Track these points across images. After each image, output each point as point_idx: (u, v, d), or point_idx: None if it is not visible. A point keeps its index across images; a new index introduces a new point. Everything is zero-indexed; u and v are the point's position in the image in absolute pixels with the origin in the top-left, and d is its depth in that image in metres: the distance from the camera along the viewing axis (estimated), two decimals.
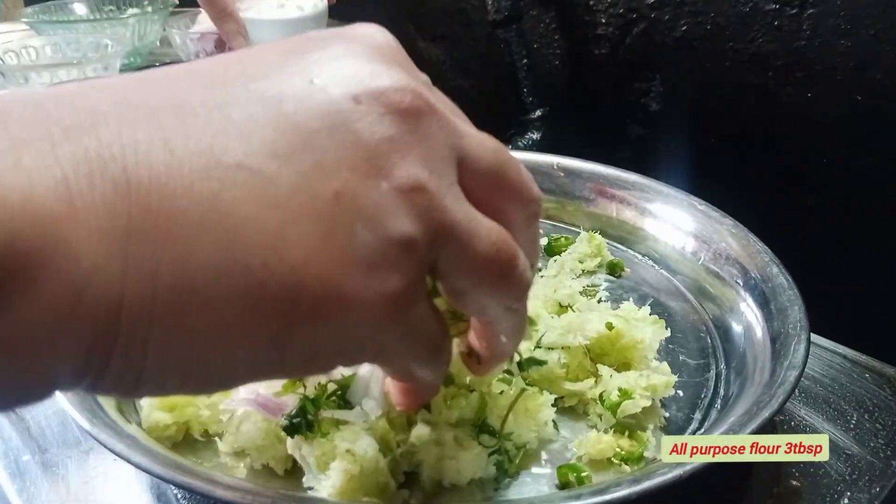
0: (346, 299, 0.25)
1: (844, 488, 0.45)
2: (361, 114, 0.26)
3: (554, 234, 0.69)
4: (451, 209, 0.28)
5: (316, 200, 0.25)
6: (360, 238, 0.25)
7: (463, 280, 0.30)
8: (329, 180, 0.25)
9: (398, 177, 0.26)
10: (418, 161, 0.27)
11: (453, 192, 0.28)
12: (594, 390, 0.48)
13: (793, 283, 0.53)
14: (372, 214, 0.25)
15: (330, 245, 0.25)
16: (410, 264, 0.27)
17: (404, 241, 0.26)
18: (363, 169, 0.26)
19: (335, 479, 0.39)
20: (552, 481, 0.44)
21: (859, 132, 0.75)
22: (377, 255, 0.26)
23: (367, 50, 0.28)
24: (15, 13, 1.58)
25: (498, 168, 0.31)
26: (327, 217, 0.25)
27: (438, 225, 0.27)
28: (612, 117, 0.97)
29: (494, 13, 0.94)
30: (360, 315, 0.26)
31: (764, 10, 0.78)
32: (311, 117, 0.26)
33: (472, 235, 0.28)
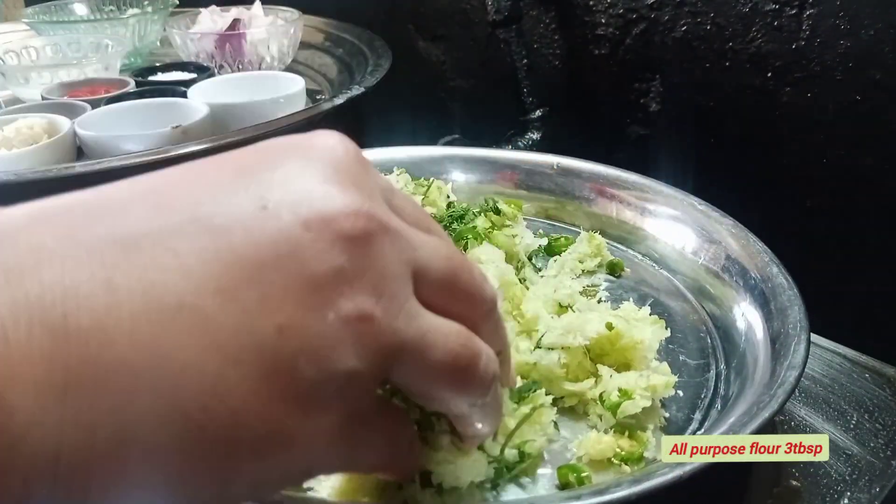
0: (288, 436, 0.25)
1: (844, 488, 0.45)
2: (310, 242, 0.26)
3: (554, 234, 0.69)
4: (401, 331, 0.27)
5: (258, 337, 0.24)
6: (303, 373, 0.25)
7: (421, 387, 0.30)
8: (273, 315, 0.24)
9: (343, 307, 0.26)
10: (368, 288, 0.26)
11: (406, 310, 0.28)
12: (594, 390, 0.48)
13: (793, 283, 0.53)
14: (315, 348, 0.25)
15: (271, 383, 0.24)
16: (354, 394, 0.27)
17: (347, 374, 0.26)
18: (309, 302, 0.25)
19: (335, 479, 0.39)
20: (552, 482, 0.44)
21: (859, 132, 0.75)
22: (319, 390, 0.25)
23: (322, 167, 0.28)
24: (15, 13, 1.58)
25: (450, 275, 0.30)
26: (269, 354, 0.24)
27: (387, 349, 0.27)
28: (612, 117, 0.97)
29: (494, 13, 0.95)
30: (303, 448, 0.26)
31: (764, 10, 0.78)
32: (258, 248, 0.25)
33: (426, 348, 0.28)
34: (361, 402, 0.28)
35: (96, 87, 1.11)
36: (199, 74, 1.15)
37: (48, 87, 1.09)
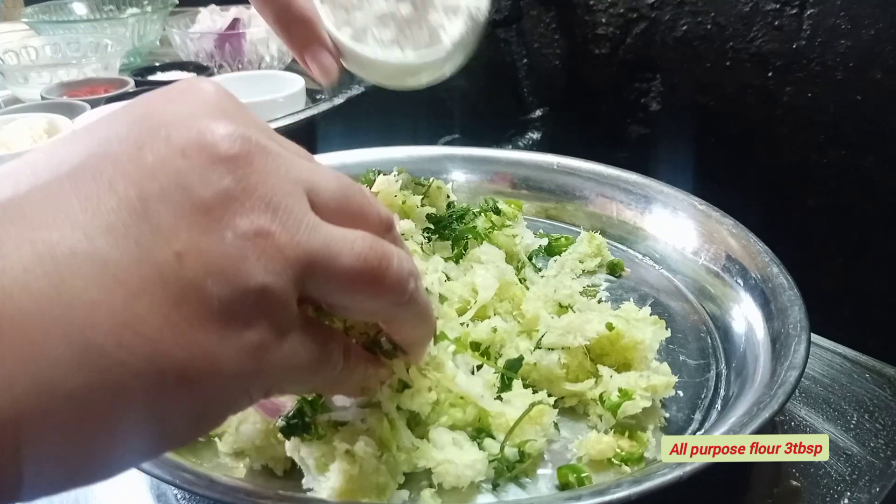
0: (212, 358, 0.25)
1: (844, 488, 0.45)
2: (191, 168, 0.26)
3: (554, 233, 0.69)
4: (304, 242, 0.28)
5: (159, 267, 0.24)
6: (214, 293, 0.25)
7: (339, 297, 0.30)
8: (169, 243, 0.25)
9: (240, 225, 0.26)
10: (260, 204, 0.27)
11: (306, 224, 0.28)
12: (594, 391, 0.48)
13: (793, 283, 0.53)
14: (221, 268, 0.25)
15: (182, 308, 0.24)
16: (272, 308, 0.27)
17: (259, 289, 0.26)
18: (202, 223, 0.25)
19: (334, 480, 0.39)
20: (552, 482, 0.44)
21: (859, 132, 0.75)
22: (234, 308, 0.25)
23: (194, 105, 0.28)
24: (15, 13, 1.58)
25: (342, 194, 0.31)
26: (174, 281, 0.24)
27: (294, 262, 0.27)
28: (612, 117, 0.97)
29: (494, 13, 0.94)
30: (232, 369, 0.26)
31: (764, 10, 0.78)
32: (140, 184, 0.25)
33: (334, 256, 0.29)
34: (282, 317, 0.27)
35: (96, 87, 1.11)
36: (198, 74, 1.15)
37: (48, 86, 1.09)
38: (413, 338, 0.38)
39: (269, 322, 0.27)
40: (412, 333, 0.37)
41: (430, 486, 0.42)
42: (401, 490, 0.41)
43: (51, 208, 0.24)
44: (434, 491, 0.41)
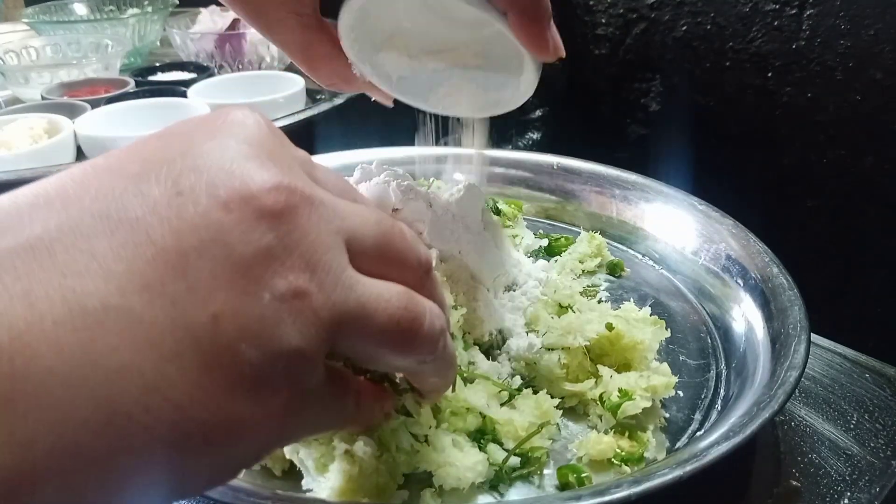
0: (239, 423, 0.25)
1: (844, 488, 0.45)
2: (233, 224, 0.25)
3: (554, 234, 0.69)
4: (340, 303, 0.27)
5: (193, 329, 0.23)
6: (246, 358, 0.24)
7: (368, 354, 0.30)
8: (205, 304, 0.24)
9: (279, 286, 0.25)
10: (300, 263, 0.26)
11: (343, 281, 0.27)
12: (594, 391, 0.48)
13: (793, 283, 0.53)
14: (255, 332, 0.24)
15: (214, 373, 0.24)
16: (302, 371, 0.26)
17: (292, 353, 0.25)
18: (241, 285, 0.24)
19: (334, 480, 0.39)
20: (552, 482, 0.44)
21: (859, 132, 0.75)
22: (265, 372, 0.25)
23: (236, 144, 0.27)
24: (15, 13, 1.58)
25: (382, 240, 0.30)
26: (207, 344, 0.24)
27: (329, 323, 0.26)
28: (611, 117, 0.97)
29: None
30: (256, 432, 0.25)
31: (764, 10, 0.78)
32: (179, 237, 0.24)
33: (367, 317, 0.28)
34: (310, 378, 0.27)
35: (96, 87, 1.11)
36: (198, 74, 1.15)
37: (48, 87, 1.09)
38: (433, 386, 0.37)
39: (298, 385, 0.26)
40: (433, 383, 0.37)
41: (430, 487, 0.42)
42: (400, 490, 0.41)
43: (83, 253, 0.23)
44: (434, 491, 0.41)
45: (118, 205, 0.24)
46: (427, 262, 0.33)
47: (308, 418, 0.29)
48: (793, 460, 0.47)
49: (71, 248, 0.23)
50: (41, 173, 0.87)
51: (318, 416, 0.30)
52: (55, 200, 0.24)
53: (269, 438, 0.27)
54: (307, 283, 0.26)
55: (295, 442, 0.32)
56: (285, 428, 0.27)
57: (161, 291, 0.23)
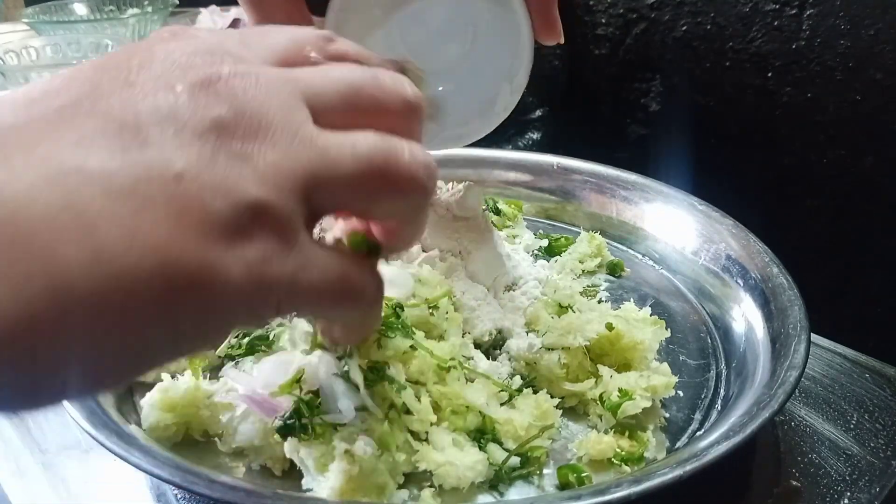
0: (218, 268, 0.26)
1: (844, 488, 0.45)
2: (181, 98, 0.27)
3: (554, 234, 0.69)
4: (298, 155, 0.28)
5: (161, 185, 0.26)
6: (213, 207, 0.26)
7: (354, 203, 0.31)
8: (168, 166, 0.26)
9: (233, 147, 0.27)
10: (251, 124, 0.28)
11: (301, 135, 0.29)
12: (594, 391, 0.48)
13: (793, 283, 0.53)
14: (218, 185, 0.26)
15: (187, 222, 0.26)
16: (273, 223, 0.27)
17: (255, 204, 0.27)
18: (196, 149, 0.27)
19: (334, 479, 0.39)
20: (552, 482, 0.44)
21: (859, 132, 0.75)
22: (234, 222, 0.26)
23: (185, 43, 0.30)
24: (15, 13, 1.58)
25: (350, 92, 0.31)
26: (176, 197, 0.26)
27: (291, 176, 0.28)
28: (611, 117, 0.97)
29: None
30: (237, 281, 0.27)
31: (764, 10, 0.78)
32: (137, 113, 0.27)
33: (333, 164, 0.29)
34: (285, 231, 0.28)
35: None
36: None
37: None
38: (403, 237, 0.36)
39: (270, 235, 0.27)
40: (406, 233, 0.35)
41: (430, 486, 0.42)
42: (400, 490, 0.41)
43: (52, 133, 0.26)
44: (434, 491, 0.41)
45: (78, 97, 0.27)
46: (414, 102, 0.33)
47: (294, 277, 0.29)
48: (793, 460, 0.47)
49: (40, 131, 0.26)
50: None
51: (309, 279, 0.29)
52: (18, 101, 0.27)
53: (250, 292, 0.27)
54: (262, 141, 0.28)
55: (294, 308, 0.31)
56: (266, 283, 0.28)
57: (125, 155, 0.26)
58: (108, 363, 0.26)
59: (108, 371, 0.26)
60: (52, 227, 0.23)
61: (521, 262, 0.60)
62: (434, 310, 0.48)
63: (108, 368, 0.26)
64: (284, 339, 0.47)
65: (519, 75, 0.49)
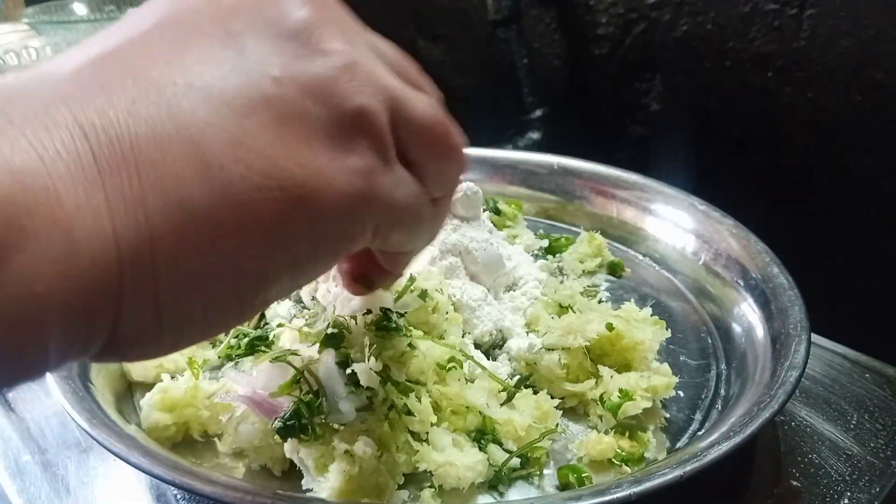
0: (326, 176, 0.26)
1: (844, 488, 0.45)
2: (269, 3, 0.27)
3: (554, 234, 0.69)
4: (386, 76, 0.29)
5: (260, 90, 0.25)
6: (314, 114, 0.26)
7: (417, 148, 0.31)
8: (264, 69, 0.26)
9: (327, 49, 0.27)
10: (340, 34, 0.28)
11: (383, 68, 0.29)
12: (595, 391, 0.48)
13: (793, 283, 0.53)
14: (317, 90, 0.26)
15: (291, 127, 0.26)
16: (372, 132, 0.28)
17: (357, 110, 0.27)
18: (291, 50, 0.27)
19: (334, 480, 0.39)
20: (552, 482, 0.44)
21: (859, 132, 0.75)
22: (336, 128, 0.27)
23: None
24: (15, 13, 1.58)
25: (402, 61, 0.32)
26: (277, 102, 0.26)
27: (382, 90, 0.28)
28: (612, 117, 0.97)
29: (494, 13, 0.95)
30: (345, 189, 0.27)
31: (764, 10, 0.78)
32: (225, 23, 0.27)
33: (412, 100, 0.30)
34: (382, 143, 0.28)
35: None
36: None
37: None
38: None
39: (372, 146, 0.28)
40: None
41: (430, 487, 0.42)
42: (400, 490, 0.41)
43: (144, 54, 0.25)
44: (434, 491, 0.41)
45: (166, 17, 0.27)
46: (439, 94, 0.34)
47: (393, 192, 0.29)
48: (793, 460, 0.47)
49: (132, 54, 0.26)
50: None
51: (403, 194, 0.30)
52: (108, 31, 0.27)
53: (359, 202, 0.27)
54: (352, 52, 0.28)
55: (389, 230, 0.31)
56: (372, 193, 0.28)
57: (220, 64, 0.26)
58: (228, 287, 0.25)
59: (228, 298, 0.26)
60: (158, 143, 0.23)
61: (522, 262, 0.60)
62: (434, 310, 0.48)
63: (228, 294, 0.26)
64: (284, 339, 0.47)
65: None
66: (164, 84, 0.25)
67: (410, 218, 0.31)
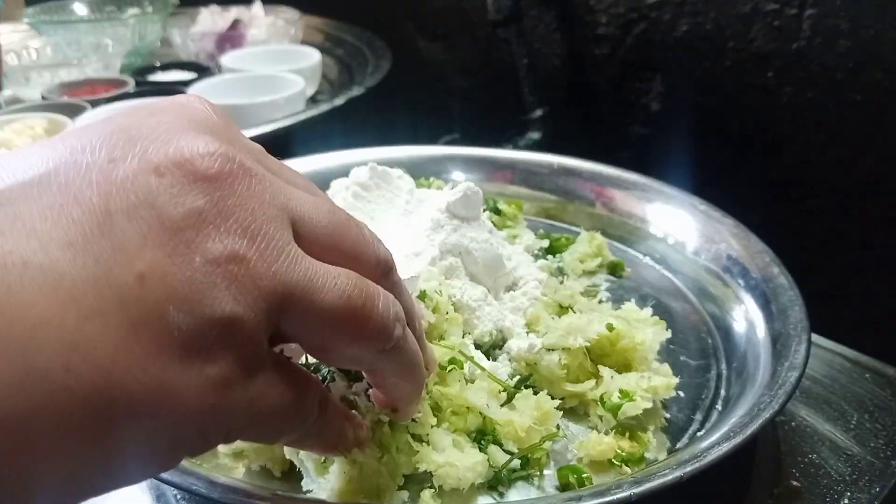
0: (168, 391, 0.23)
1: (844, 488, 0.45)
2: (164, 187, 0.24)
3: (554, 234, 0.69)
4: (282, 273, 0.26)
5: (118, 288, 0.22)
6: (175, 322, 0.23)
7: (318, 337, 0.28)
8: (131, 264, 0.23)
9: (212, 249, 0.24)
10: (236, 228, 0.25)
11: (287, 253, 0.26)
12: (595, 392, 0.48)
13: (793, 283, 0.53)
14: (184, 294, 0.23)
15: (141, 335, 0.23)
16: (239, 342, 0.25)
17: (226, 320, 0.24)
18: (170, 246, 0.23)
19: (334, 481, 0.39)
20: (552, 482, 0.44)
21: (859, 132, 0.75)
22: (196, 339, 0.24)
23: (176, 119, 0.27)
24: (15, 13, 1.58)
25: (335, 230, 0.29)
26: (133, 304, 0.23)
27: (269, 292, 0.25)
28: (612, 117, 0.97)
29: (495, 13, 0.95)
30: (189, 406, 0.24)
31: (764, 10, 0.78)
32: (107, 198, 0.23)
33: (314, 291, 0.27)
34: (250, 352, 0.25)
35: (96, 87, 1.11)
36: (199, 74, 1.15)
37: (48, 86, 1.09)
38: (399, 394, 0.35)
39: (235, 357, 0.25)
40: (398, 388, 0.35)
41: (430, 487, 0.42)
42: (401, 491, 0.41)
43: (8, 216, 0.23)
44: (434, 492, 0.41)
45: (50, 172, 0.24)
46: (386, 262, 0.32)
47: (252, 403, 0.26)
48: (793, 460, 0.47)
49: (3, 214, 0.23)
50: None
51: (267, 404, 0.27)
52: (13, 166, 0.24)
53: (203, 417, 0.24)
54: (244, 248, 0.25)
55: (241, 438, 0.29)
56: (222, 407, 0.25)
57: (85, 249, 0.23)
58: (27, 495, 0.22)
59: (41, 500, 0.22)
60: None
61: (522, 262, 0.60)
62: (434, 310, 0.48)
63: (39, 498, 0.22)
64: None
65: None
66: (13, 263, 0.21)
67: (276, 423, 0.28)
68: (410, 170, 0.67)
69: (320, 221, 0.29)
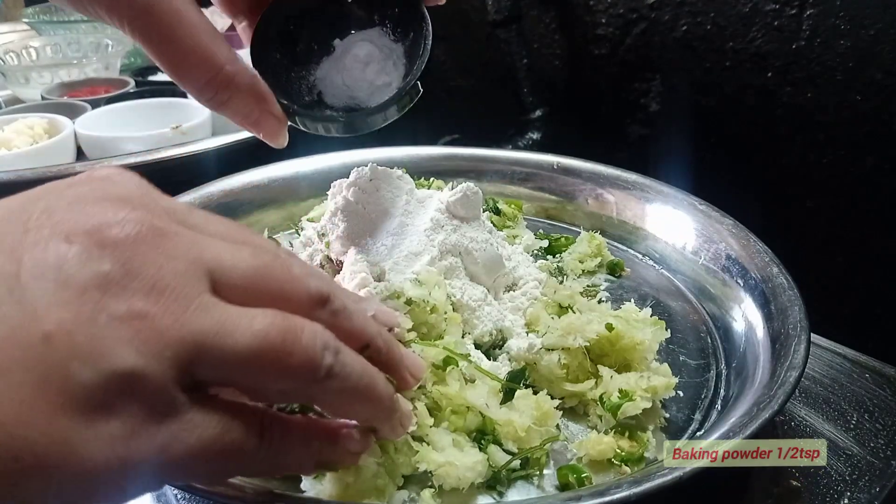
0: (74, 445, 0.24)
1: (844, 488, 0.45)
2: (74, 253, 0.25)
3: (554, 233, 0.69)
4: (191, 323, 0.27)
5: (24, 348, 0.24)
6: (78, 378, 0.24)
7: (241, 379, 0.29)
8: (38, 324, 0.24)
9: (116, 308, 0.25)
10: (142, 287, 0.26)
11: (197, 304, 0.27)
12: (594, 391, 0.48)
13: (793, 283, 0.53)
14: (87, 351, 0.24)
15: (45, 392, 0.23)
16: (143, 394, 0.25)
17: (126, 374, 0.25)
18: (76, 306, 0.25)
19: (334, 482, 0.39)
20: (552, 482, 0.44)
21: (859, 132, 0.75)
22: (97, 393, 0.24)
23: (91, 191, 0.28)
24: (16, 13, 1.58)
25: (255, 274, 0.30)
26: (38, 362, 0.24)
27: (176, 344, 0.26)
28: (611, 117, 0.98)
29: (494, 13, 0.95)
30: (93, 459, 0.24)
31: (764, 10, 0.78)
32: (19, 265, 0.25)
33: (226, 335, 0.27)
34: (156, 402, 0.26)
35: (96, 87, 1.11)
36: None
37: (48, 87, 1.09)
38: (363, 416, 0.35)
39: (139, 407, 0.25)
40: (356, 412, 0.34)
41: (430, 487, 0.42)
42: (401, 491, 0.41)
43: None
44: (434, 492, 0.41)
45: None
46: (319, 294, 0.32)
47: (167, 449, 0.26)
48: None
49: None
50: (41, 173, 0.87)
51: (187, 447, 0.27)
52: None
53: (111, 470, 0.25)
54: (151, 305, 0.26)
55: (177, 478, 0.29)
56: (130, 459, 0.25)
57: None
58: None
59: None
60: None
61: (521, 262, 0.60)
62: (433, 310, 0.48)
63: None
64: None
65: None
66: None
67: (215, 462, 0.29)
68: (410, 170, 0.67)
69: (238, 268, 0.29)
